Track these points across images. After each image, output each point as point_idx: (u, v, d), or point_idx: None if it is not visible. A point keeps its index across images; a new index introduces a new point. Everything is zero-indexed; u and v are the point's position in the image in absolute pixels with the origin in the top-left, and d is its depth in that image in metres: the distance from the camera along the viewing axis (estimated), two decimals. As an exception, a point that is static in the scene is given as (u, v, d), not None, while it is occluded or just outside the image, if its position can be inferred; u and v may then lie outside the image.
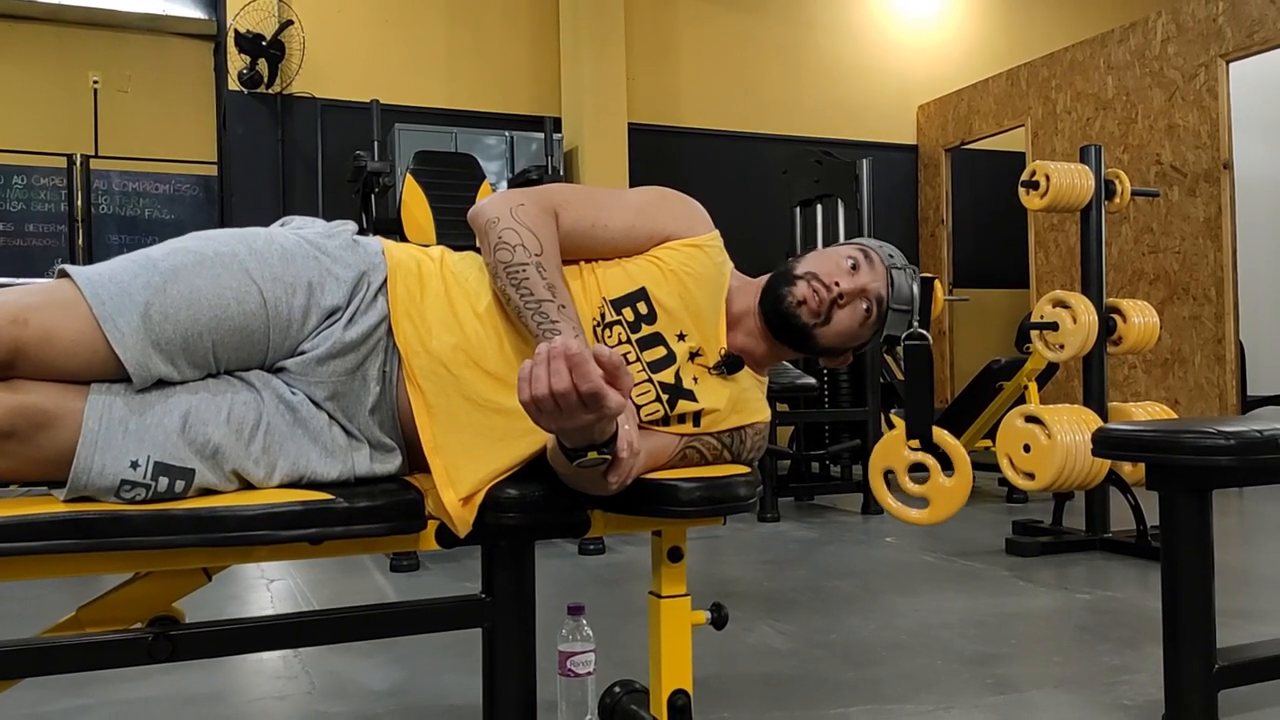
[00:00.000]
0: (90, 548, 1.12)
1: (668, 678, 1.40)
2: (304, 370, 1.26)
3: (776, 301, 1.44)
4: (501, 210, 1.34)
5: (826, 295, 1.43)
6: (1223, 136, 5.48)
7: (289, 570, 3.31)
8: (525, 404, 1.04)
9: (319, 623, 1.32)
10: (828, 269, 1.45)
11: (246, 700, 1.99)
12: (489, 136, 6.09)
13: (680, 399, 1.40)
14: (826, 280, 1.44)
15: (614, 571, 3.21)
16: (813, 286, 1.43)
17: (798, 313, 1.43)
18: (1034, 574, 3.10)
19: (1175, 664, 1.65)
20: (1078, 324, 3.33)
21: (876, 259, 1.48)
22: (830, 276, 1.44)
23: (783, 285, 1.45)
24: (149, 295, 1.17)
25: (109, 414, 1.14)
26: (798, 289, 1.44)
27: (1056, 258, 6.55)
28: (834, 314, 1.44)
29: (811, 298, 1.43)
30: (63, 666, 1.19)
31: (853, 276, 1.45)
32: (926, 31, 7.74)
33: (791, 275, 1.45)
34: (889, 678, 2.06)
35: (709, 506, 1.30)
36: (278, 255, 1.27)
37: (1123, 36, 6.09)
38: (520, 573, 1.40)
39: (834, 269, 1.45)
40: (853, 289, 1.44)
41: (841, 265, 1.46)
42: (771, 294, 1.45)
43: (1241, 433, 1.57)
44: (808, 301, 1.43)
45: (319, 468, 1.25)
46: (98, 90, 6.13)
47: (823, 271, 1.45)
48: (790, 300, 1.44)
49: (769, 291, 1.46)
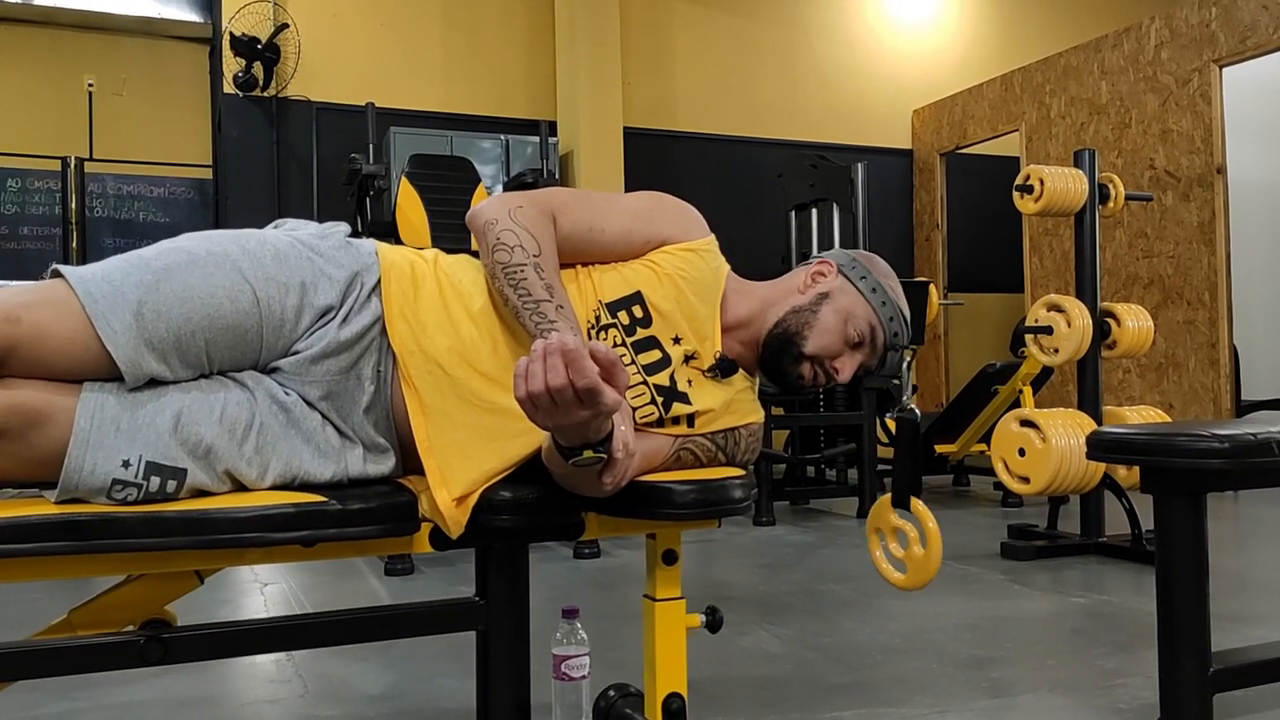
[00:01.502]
0: (82, 550, 1.11)
1: (662, 681, 1.39)
2: (298, 370, 1.26)
3: (780, 375, 1.49)
4: (500, 212, 1.34)
5: (824, 380, 1.49)
6: (1216, 141, 5.50)
7: (283, 574, 3.30)
8: (521, 400, 1.04)
9: (311, 626, 1.31)
10: (834, 348, 1.47)
11: (239, 704, 1.98)
12: (484, 140, 6.09)
13: (675, 401, 1.40)
14: (828, 364, 1.48)
15: (609, 575, 3.21)
16: (815, 370, 1.48)
17: (800, 385, 1.49)
18: (1029, 578, 3.10)
19: (1170, 667, 1.65)
20: (1072, 328, 3.33)
21: (880, 343, 1.51)
22: (834, 359, 1.48)
23: (788, 360, 1.47)
24: (142, 294, 1.16)
25: (101, 413, 1.13)
26: (804, 370, 1.47)
27: (1051, 262, 6.56)
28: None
29: (811, 379, 1.48)
30: (54, 670, 1.18)
31: (853, 357, 1.49)
32: (921, 36, 7.76)
33: (799, 353, 1.47)
34: (883, 681, 2.05)
35: (704, 509, 1.29)
36: (271, 255, 1.26)
37: (1116, 41, 6.10)
38: (514, 575, 1.39)
39: (840, 347, 1.48)
40: (850, 372, 1.49)
41: (849, 340, 1.48)
42: (776, 366, 1.48)
43: (1236, 436, 1.57)
44: (807, 380, 1.48)
45: (312, 468, 1.24)
46: (92, 93, 6.12)
47: (829, 353, 1.47)
48: (792, 376, 1.48)
49: (774, 359, 1.48)
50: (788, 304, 1.49)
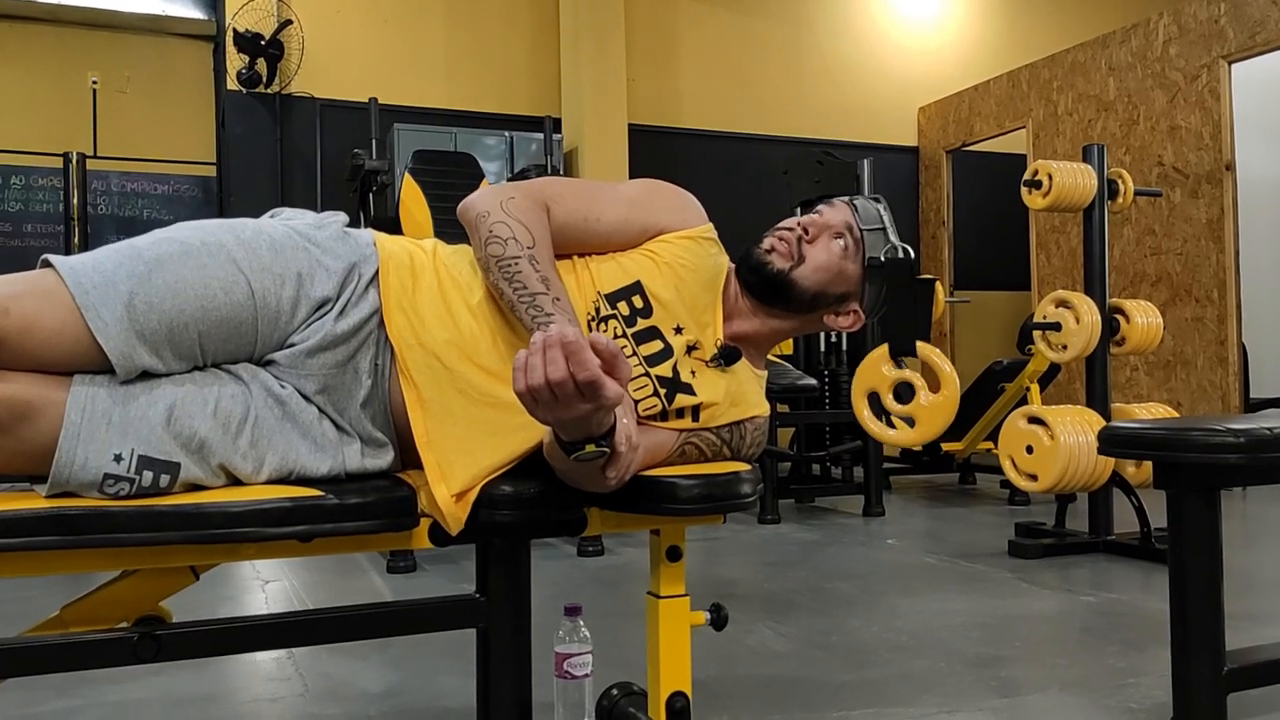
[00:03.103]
0: (73, 544, 1.09)
1: (666, 679, 1.37)
2: (293, 363, 1.23)
3: (747, 258, 1.47)
4: (492, 204, 1.32)
5: (791, 235, 1.46)
6: (1225, 138, 5.45)
7: (284, 573, 3.28)
8: (521, 394, 1.01)
9: (309, 622, 1.29)
10: (789, 222, 1.49)
11: (238, 703, 1.96)
12: (488, 137, 6.06)
13: (678, 393, 1.38)
14: (789, 225, 1.48)
15: (613, 573, 3.18)
16: (778, 234, 1.47)
17: (769, 260, 1.45)
18: (1037, 576, 3.07)
19: (1183, 665, 1.62)
20: (1081, 324, 3.30)
21: (837, 201, 1.51)
22: (792, 223, 1.48)
23: (751, 246, 1.48)
24: (133, 285, 1.14)
25: (92, 406, 1.11)
26: (764, 241, 1.47)
27: (1058, 260, 6.52)
28: (806, 251, 1.45)
29: (779, 244, 1.46)
30: (45, 667, 1.16)
31: (815, 219, 1.49)
32: (927, 33, 7.72)
33: (759, 238, 1.49)
34: (891, 680, 2.03)
35: (709, 504, 1.27)
36: (266, 246, 1.24)
37: (1124, 38, 6.06)
38: (515, 572, 1.37)
39: (795, 220, 1.50)
40: (817, 223, 1.47)
41: (808, 214, 1.51)
42: (744, 257, 1.48)
43: (1251, 430, 1.54)
44: (775, 248, 1.45)
45: (308, 463, 1.22)
46: (96, 91, 6.10)
47: (784, 223, 1.49)
48: (758, 252, 1.46)
49: (742, 258, 1.48)
50: None
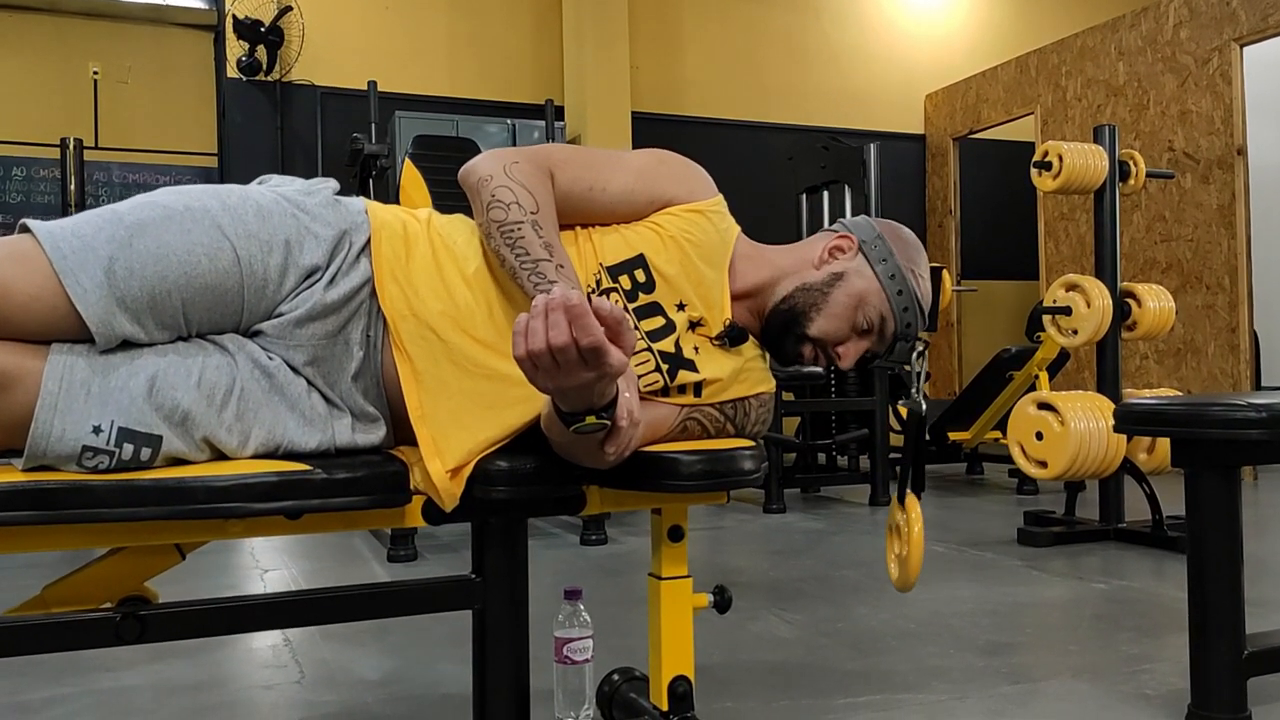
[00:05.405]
0: (51, 520, 1.04)
1: (668, 663, 1.32)
2: (281, 333, 1.19)
3: (780, 352, 1.43)
4: (495, 168, 1.27)
5: (825, 364, 1.44)
6: (1236, 122, 5.38)
7: (285, 560, 3.24)
8: (520, 359, 0.96)
9: (300, 603, 1.25)
10: (840, 334, 1.40)
11: (233, 689, 1.92)
12: (490, 124, 6.01)
13: (680, 369, 1.33)
14: (831, 349, 1.41)
15: (616, 561, 3.14)
16: (816, 352, 1.42)
17: (796, 364, 1.44)
18: (1047, 564, 3.02)
19: (1202, 649, 1.57)
20: (1092, 308, 3.25)
21: (889, 333, 1.43)
22: (838, 344, 1.41)
23: (790, 339, 1.41)
24: (113, 250, 1.09)
25: (70, 375, 1.06)
26: (805, 351, 1.41)
27: (1067, 247, 6.45)
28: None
29: (811, 360, 1.42)
30: (25, 648, 1.11)
31: (858, 344, 1.42)
32: (934, 19, 7.64)
33: (802, 334, 1.40)
34: (899, 667, 1.98)
35: (711, 480, 1.22)
36: (253, 212, 1.19)
37: (1134, 21, 5.99)
38: (512, 551, 1.33)
39: (845, 333, 1.41)
40: (853, 359, 1.42)
41: (857, 327, 1.41)
42: (777, 342, 1.42)
43: (1273, 406, 1.49)
44: (806, 361, 1.42)
45: (296, 437, 1.17)
46: (98, 81, 6.06)
47: (833, 338, 1.40)
48: (792, 356, 1.42)
49: (776, 336, 1.42)
50: (800, 278, 1.41)
